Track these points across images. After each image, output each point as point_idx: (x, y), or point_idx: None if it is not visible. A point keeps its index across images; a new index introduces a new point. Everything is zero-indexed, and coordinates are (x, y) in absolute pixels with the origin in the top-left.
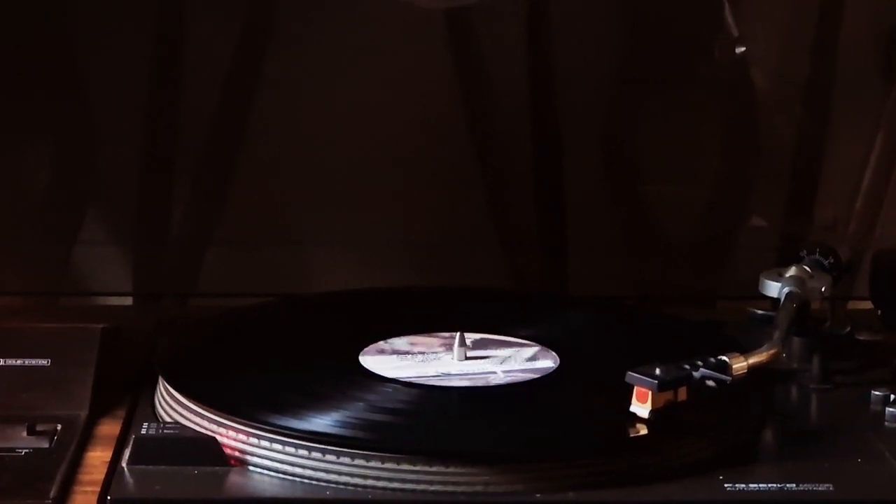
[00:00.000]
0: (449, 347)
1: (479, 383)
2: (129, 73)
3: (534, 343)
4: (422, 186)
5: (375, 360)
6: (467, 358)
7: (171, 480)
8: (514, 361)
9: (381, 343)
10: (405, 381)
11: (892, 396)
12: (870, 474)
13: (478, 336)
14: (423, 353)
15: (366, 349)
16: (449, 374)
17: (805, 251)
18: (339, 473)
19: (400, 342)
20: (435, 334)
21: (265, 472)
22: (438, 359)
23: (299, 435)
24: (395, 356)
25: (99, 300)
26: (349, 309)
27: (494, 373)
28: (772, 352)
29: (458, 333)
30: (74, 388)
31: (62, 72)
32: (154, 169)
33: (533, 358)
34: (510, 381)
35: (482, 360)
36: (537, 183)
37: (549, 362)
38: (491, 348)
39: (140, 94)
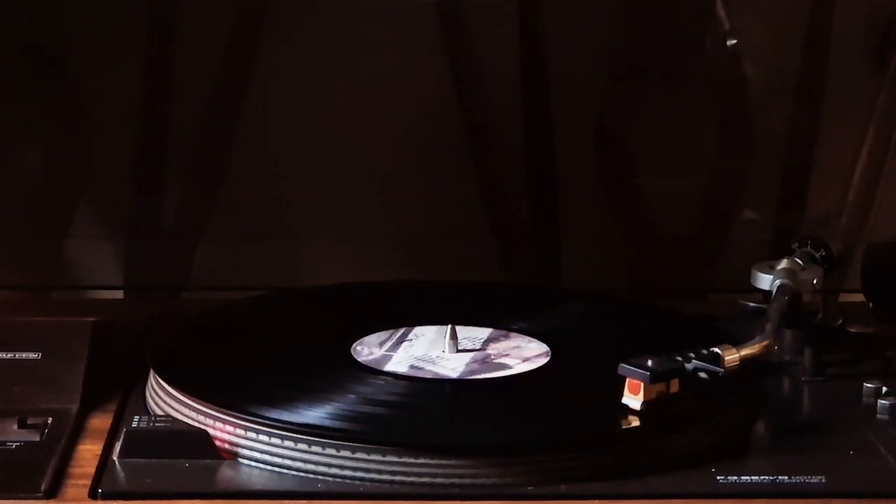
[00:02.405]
0: (440, 340)
1: (471, 375)
2: (121, 65)
3: (526, 335)
4: (414, 180)
5: (367, 353)
6: (459, 350)
7: (162, 473)
8: (506, 354)
9: (372, 336)
10: (396, 374)
11: (884, 389)
12: (862, 466)
13: (470, 329)
14: (414, 345)
15: (357, 342)
16: (440, 367)
17: (797, 244)
18: (331, 466)
19: (392, 335)
20: (427, 327)
21: (256, 464)
22: (430, 351)
23: (291, 428)
24: (386, 349)
25: (90, 294)
26: (341, 302)
27: (486, 365)
28: (764, 344)
29: (450, 326)
30: (66, 382)
31: (54, 65)
32: (146, 162)
33: (525, 350)
34: (502, 374)
35: (473, 353)
36: (530, 176)
37: (541, 354)
38: (482, 341)
39: (132, 87)
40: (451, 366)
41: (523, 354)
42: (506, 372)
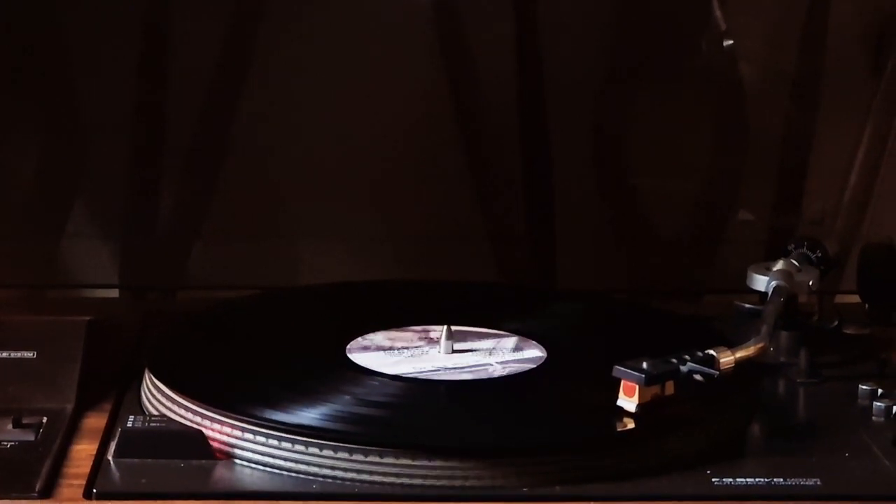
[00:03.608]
0: (436, 341)
1: (466, 377)
2: (116, 65)
3: (521, 337)
4: (410, 180)
5: (362, 354)
6: (454, 351)
7: (157, 473)
8: (501, 355)
9: (368, 336)
10: (391, 375)
11: (880, 391)
12: (857, 469)
13: (466, 329)
14: (409, 346)
15: (353, 342)
16: (435, 368)
17: (793, 245)
18: (326, 467)
19: (387, 336)
20: (423, 328)
21: (251, 465)
22: (425, 352)
23: (286, 428)
24: (382, 350)
25: (86, 293)
26: (337, 302)
27: (482, 366)
28: (759, 346)
29: (446, 327)
30: (60, 381)
31: (50, 64)
32: (142, 161)
33: (520, 352)
34: (497, 375)
35: (469, 354)
36: (526, 177)
37: (536, 356)
38: (478, 342)
39: (128, 87)
40: (447, 367)
41: (518, 356)
42: (501, 373)
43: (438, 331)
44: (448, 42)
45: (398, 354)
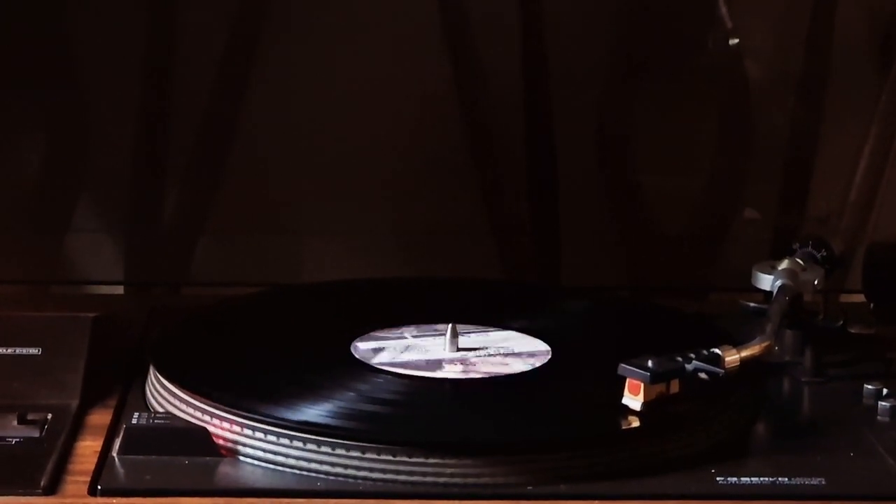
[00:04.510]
0: (441, 338)
1: (471, 374)
2: (121, 61)
3: (526, 334)
4: (415, 177)
5: (367, 351)
6: (459, 349)
7: (161, 470)
8: (506, 353)
9: (373, 333)
10: (396, 372)
11: (885, 390)
12: (862, 468)
13: (470, 327)
14: (414, 343)
15: (358, 339)
16: (440, 365)
17: (798, 244)
18: (330, 464)
19: (392, 333)
20: (427, 325)
21: (256, 462)
22: (430, 350)
23: (290, 425)
24: (386, 347)
25: (90, 289)
26: (341, 299)
27: (486, 364)
28: (764, 345)
29: (451, 325)
30: (65, 377)
31: (55, 61)
32: (146, 158)
33: (525, 349)
34: (502, 373)
35: (474, 351)
36: (530, 174)
37: (541, 354)
38: (483, 339)
39: (132, 83)
40: (451, 364)
41: (523, 353)
42: (505, 371)
43: (443, 328)
44: (453, 39)
45: (403, 351)
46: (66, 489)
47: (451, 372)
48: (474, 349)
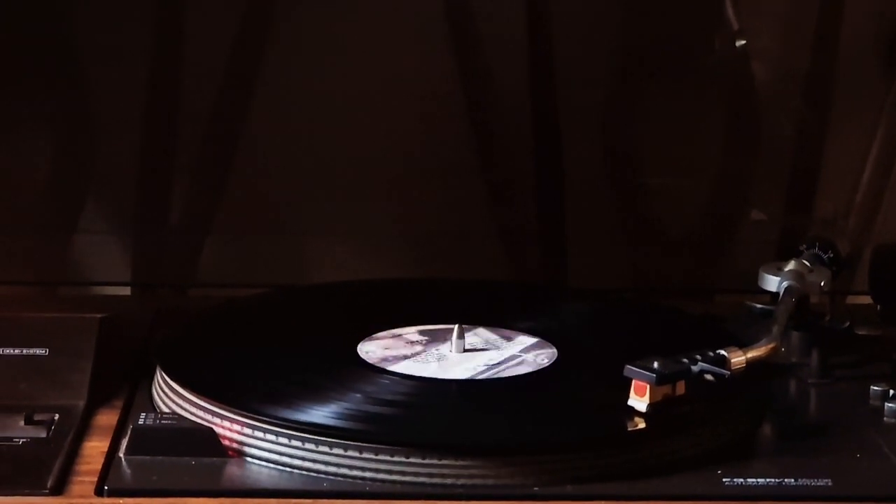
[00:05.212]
0: (447, 340)
1: (477, 376)
2: (128, 63)
3: (532, 336)
4: (421, 178)
5: (373, 352)
6: (465, 350)
7: (168, 471)
8: (512, 354)
9: (379, 335)
10: (403, 374)
11: (892, 391)
12: (868, 469)
13: (476, 328)
14: (421, 345)
15: (364, 341)
16: (447, 367)
17: (804, 245)
18: (337, 465)
19: (398, 334)
20: (433, 326)
21: (262, 463)
22: (436, 351)
23: (297, 426)
24: (392, 348)
25: (97, 290)
26: (347, 300)
27: (493, 365)
28: (770, 346)
29: (457, 326)
30: (72, 378)
31: (62, 63)
32: (153, 159)
33: (531, 351)
34: (508, 374)
35: (480, 353)
36: (537, 175)
37: (547, 355)
38: (489, 341)
39: (139, 85)
40: (458, 365)
41: (529, 355)
42: (512, 372)
43: (450, 329)
44: (460, 40)
45: (409, 353)
46: (72, 489)
47: (457, 373)
48: (480, 350)
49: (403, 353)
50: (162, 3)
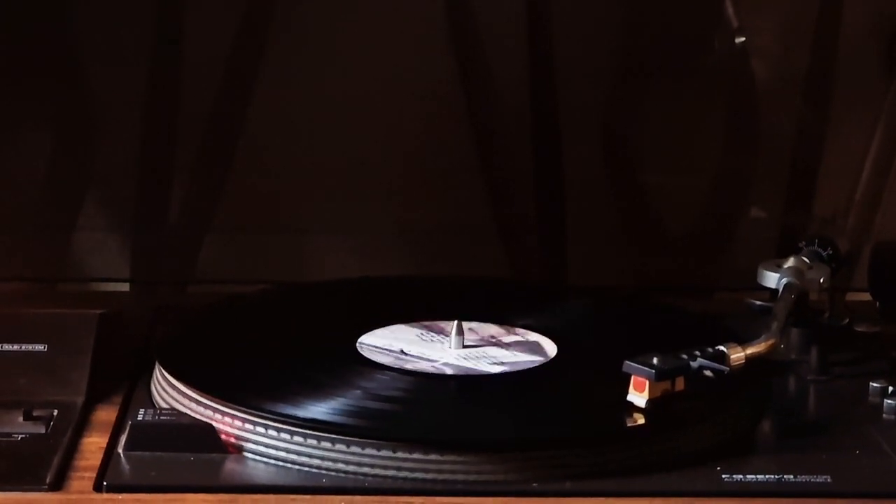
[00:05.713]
0: (447, 336)
1: (477, 372)
2: (128, 60)
3: (532, 332)
4: (421, 175)
5: (373, 348)
6: (465, 347)
7: (167, 467)
8: (511, 350)
9: (378, 331)
10: (402, 370)
11: (891, 388)
12: (867, 466)
13: (475, 325)
14: (420, 341)
15: (363, 337)
16: (446, 363)
17: (804, 242)
18: (336, 461)
19: (397, 330)
20: (433, 323)
21: (262, 458)
22: (436, 347)
23: (296, 422)
24: (392, 344)
25: (97, 286)
26: (347, 297)
27: (492, 362)
28: (770, 343)
29: (456, 322)
30: (71, 374)
31: (62, 59)
32: (153, 156)
33: (531, 347)
34: (508, 370)
35: (480, 349)
36: (537, 173)
37: (547, 351)
38: (488, 337)
39: (139, 82)
40: (457, 362)
41: (528, 351)
42: (511, 368)
43: (449, 326)
44: (460, 38)
45: (408, 349)
46: (71, 485)
47: (456, 370)
48: (480, 347)
49: (402, 349)
50: (162, 3)
